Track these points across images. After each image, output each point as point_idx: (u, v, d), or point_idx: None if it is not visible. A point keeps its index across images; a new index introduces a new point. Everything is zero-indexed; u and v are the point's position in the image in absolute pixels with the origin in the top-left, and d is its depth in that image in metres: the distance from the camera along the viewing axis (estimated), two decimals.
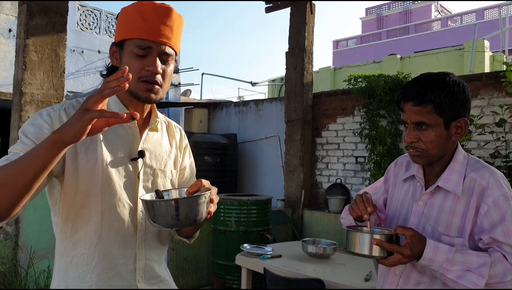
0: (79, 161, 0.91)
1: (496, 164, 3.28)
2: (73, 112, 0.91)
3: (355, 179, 4.54)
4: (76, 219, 0.93)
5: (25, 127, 0.89)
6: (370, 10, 23.04)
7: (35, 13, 3.03)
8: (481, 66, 8.14)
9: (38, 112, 0.93)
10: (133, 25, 0.92)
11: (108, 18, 7.11)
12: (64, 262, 0.95)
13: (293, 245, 2.90)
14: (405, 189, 1.21)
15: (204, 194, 0.88)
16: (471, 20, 17.38)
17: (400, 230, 1.02)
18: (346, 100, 4.64)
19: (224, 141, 5.34)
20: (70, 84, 6.35)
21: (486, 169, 1.10)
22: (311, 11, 4.78)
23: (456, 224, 1.08)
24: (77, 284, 0.93)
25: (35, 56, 3.04)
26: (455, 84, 1.08)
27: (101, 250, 0.94)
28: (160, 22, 0.92)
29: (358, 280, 2.11)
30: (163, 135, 1.08)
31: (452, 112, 1.07)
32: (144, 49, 0.92)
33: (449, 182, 1.10)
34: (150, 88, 0.94)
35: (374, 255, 1.02)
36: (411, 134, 1.09)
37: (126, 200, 0.96)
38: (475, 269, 0.99)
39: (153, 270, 1.01)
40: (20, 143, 0.87)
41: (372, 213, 1.09)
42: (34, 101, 3.03)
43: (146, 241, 1.00)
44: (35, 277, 2.92)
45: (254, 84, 9.15)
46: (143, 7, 0.92)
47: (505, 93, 3.46)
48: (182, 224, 0.87)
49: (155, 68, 0.93)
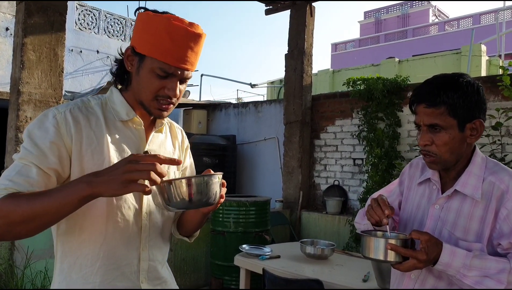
0: (85, 164, 0.90)
1: None
2: (78, 113, 0.92)
3: (353, 181, 4.55)
4: (82, 220, 0.92)
5: (32, 130, 0.89)
6: (369, 14, 23.18)
7: (33, 12, 3.02)
8: (478, 70, 8.20)
9: (44, 114, 0.91)
10: (161, 45, 0.89)
11: (107, 18, 7.10)
12: (67, 263, 0.94)
13: (291, 246, 2.91)
14: (420, 192, 1.18)
15: (217, 174, 0.88)
16: (468, 25, 17.52)
17: (415, 234, 0.99)
18: (344, 102, 4.66)
19: (223, 143, 5.34)
20: (68, 84, 6.33)
21: (506, 172, 1.07)
22: (311, 14, 4.80)
23: (474, 228, 1.05)
24: (80, 285, 0.93)
25: (33, 55, 3.03)
26: (468, 85, 1.05)
27: (106, 251, 0.93)
28: (188, 48, 0.91)
29: (356, 280, 2.11)
30: (167, 137, 1.08)
31: (466, 114, 1.04)
32: (166, 73, 0.91)
33: (467, 186, 1.07)
34: (164, 108, 0.95)
35: (389, 260, 1.00)
36: (424, 136, 1.07)
37: (132, 202, 0.96)
38: (493, 275, 0.97)
39: (156, 270, 1.02)
40: (27, 153, 0.86)
41: (390, 216, 1.06)
42: (32, 100, 3.02)
43: (150, 242, 1.00)
44: (32, 278, 2.90)
45: (253, 86, 9.16)
46: (175, 30, 0.89)
47: (502, 97, 3.49)
48: (196, 205, 0.86)
49: (174, 92, 0.93)
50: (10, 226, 0.78)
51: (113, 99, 0.98)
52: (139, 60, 0.93)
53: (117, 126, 0.96)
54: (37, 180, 0.84)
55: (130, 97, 0.98)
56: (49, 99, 3.10)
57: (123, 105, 0.98)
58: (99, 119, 0.94)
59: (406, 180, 1.26)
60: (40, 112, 3.05)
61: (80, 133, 0.90)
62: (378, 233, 1.09)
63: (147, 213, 0.98)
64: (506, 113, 3.32)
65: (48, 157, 0.86)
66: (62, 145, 0.88)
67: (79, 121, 0.91)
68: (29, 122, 3.00)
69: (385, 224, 1.06)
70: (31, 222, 0.78)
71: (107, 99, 0.99)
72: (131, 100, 0.98)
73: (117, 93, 0.99)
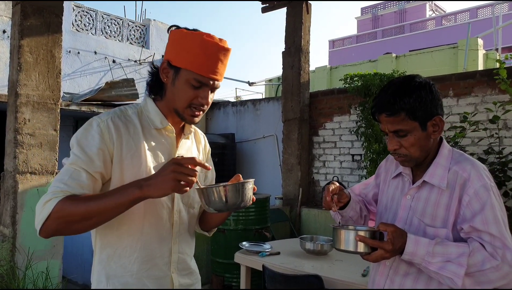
0: (125, 167, 1.02)
1: (490, 160, 3.32)
2: (118, 121, 1.04)
3: (352, 177, 4.57)
4: (122, 216, 1.00)
5: (79, 139, 1.00)
6: (366, 10, 23.14)
7: (30, 14, 3.01)
8: (474, 64, 8.21)
9: (88, 123, 1.03)
10: (196, 59, 1.00)
11: (104, 18, 7.09)
12: (106, 254, 1.06)
13: (291, 242, 2.92)
14: (394, 185, 1.26)
15: (250, 181, 1.01)
16: (465, 19, 17.50)
17: (382, 226, 1.06)
18: (342, 99, 4.67)
19: (222, 141, 5.35)
20: (67, 85, 6.33)
21: (468, 162, 1.13)
22: (307, 11, 4.81)
23: (440, 215, 1.11)
24: (119, 273, 1.04)
25: (30, 57, 3.03)
26: (421, 87, 1.11)
27: (142, 244, 1.05)
28: (219, 61, 1.02)
29: (356, 275, 2.13)
30: (193, 142, 1.21)
31: (425, 114, 1.10)
32: (200, 83, 1.03)
33: (434, 176, 1.14)
34: (197, 115, 1.06)
35: (359, 251, 1.06)
36: (392, 142, 1.15)
37: (165, 201, 1.08)
38: (454, 259, 1.02)
39: (185, 262, 1.14)
40: (77, 159, 0.98)
41: (335, 203, 1.19)
42: (30, 102, 3.02)
43: (179, 237, 1.12)
44: (33, 279, 2.91)
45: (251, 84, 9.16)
46: (209, 45, 1.00)
47: (498, 90, 3.50)
48: (232, 208, 0.98)
49: (207, 101, 1.05)
50: (69, 224, 0.91)
51: (147, 108, 1.10)
52: (175, 72, 1.04)
53: (152, 133, 1.08)
54: (87, 183, 0.96)
55: (163, 106, 1.09)
56: (47, 100, 3.10)
57: (157, 114, 1.09)
58: (136, 127, 1.06)
59: (382, 173, 1.35)
60: (38, 113, 3.05)
61: (120, 139, 1.02)
62: (349, 227, 1.15)
63: (178, 211, 1.11)
64: (503, 107, 3.34)
65: (94, 162, 0.98)
66: (106, 150, 1.00)
67: (119, 128, 1.03)
68: (27, 124, 3.01)
69: (334, 211, 1.18)
70: (87, 221, 0.91)
71: (142, 108, 1.10)
72: (164, 109, 1.09)
73: (151, 103, 1.10)
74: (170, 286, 1.09)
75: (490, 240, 1.03)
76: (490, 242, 1.03)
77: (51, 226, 0.91)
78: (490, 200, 1.05)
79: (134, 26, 7.42)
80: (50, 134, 3.10)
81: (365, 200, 1.39)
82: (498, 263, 1.00)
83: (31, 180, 3.00)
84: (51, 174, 3.09)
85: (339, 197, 1.24)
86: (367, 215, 1.36)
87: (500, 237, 1.02)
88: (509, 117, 3.46)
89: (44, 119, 3.07)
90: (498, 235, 1.02)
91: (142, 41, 7.51)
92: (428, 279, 1.10)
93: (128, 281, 1.04)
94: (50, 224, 0.91)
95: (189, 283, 1.16)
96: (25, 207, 2.97)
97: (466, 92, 3.79)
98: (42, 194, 3.08)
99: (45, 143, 3.07)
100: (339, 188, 1.24)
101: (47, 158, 3.07)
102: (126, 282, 1.04)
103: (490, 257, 1.01)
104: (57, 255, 3.10)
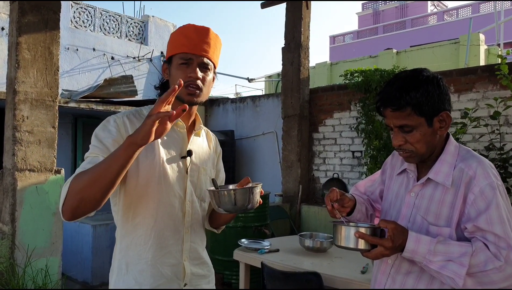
0: (140, 159, 1.08)
1: (491, 156, 3.30)
2: (133, 118, 1.13)
3: (352, 174, 4.56)
4: (136, 206, 1.10)
5: (97, 133, 1.10)
6: (367, 5, 23.00)
7: (27, 11, 3.00)
8: (476, 59, 8.15)
9: (106, 120, 1.13)
10: (178, 43, 1.12)
11: (103, 15, 7.05)
12: (125, 243, 1.13)
13: (290, 240, 2.92)
14: (399, 181, 1.23)
15: (258, 185, 1.07)
16: (467, 14, 17.40)
17: (383, 223, 1.04)
18: (342, 95, 4.64)
19: (222, 138, 5.33)
20: (66, 83, 6.31)
21: (474, 159, 1.10)
22: (306, 6, 4.77)
23: (444, 214, 1.08)
24: (136, 260, 1.12)
25: (28, 54, 3.01)
26: (428, 81, 1.08)
27: (156, 232, 1.12)
28: (199, 39, 1.12)
29: (355, 272, 2.12)
30: (204, 140, 1.29)
31: (432, 109, 1.07)
32: (186, 60, 1.11)
33: (439, 174, 1.11)
34: (192, 92, 1.12)
35: (360, 248, 1.05)
36: (397, 137, 1.11)
37: (178, 191, 1.15)
38: (456, 258, 0.99)
39: (197, 251, 1.20)
40: (95, 148, 1.07)
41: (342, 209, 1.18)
42: (28, 99, 3.01)
43: (192, 227, 1.18)
44: (33, 276, 2.92)
45: (251, 80, 9.13)
46: (186, 29, 1.13)
47: (500, 86, 3.47)
48: (240, 210, 1.04)
49: (195, 74, 1.11)
50: (81, 192, 0.95)
51: None
52: (169, 64, 1.16)
53: None
54: None
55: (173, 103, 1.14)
56: (45, 98, 3.09)
57: None
58: None
59: (388, 169, 1.31)
60: (36, 111, 3.04)
61: None
62: (350, 223, 1.14)
63: (190, 202, 1.18)
64: (505, 102, 3.31)
65: (110, 150, 1.04)
66: (122, 141, 1.03)
67: (134, 124, 1.11)
68: (25, 121, 3.00)
69: (338, 218, 1.16)
70: (95, 183, 0.94)
71: None
72: (174, 105, 1.14)
73: None
74: (182, 274, 1.15)
75: (495, 240, 1.00)
76: (494, 242, 1.00)
77: (69, 201, 0.96)
78: (496, 199, 1.02)
79: (132, 23, 7.39)
80: (49, 131, 3.09)
81: (370, 198, 1.36)
82: (501, 264, 0.97)
83: (30, 177, 2.99)
84: (49, 171, 3.08)
85: (341, 203, 1.20)
86: (373, 214, 1.33)
87: (505, 238, 0.99)
88: (510, 113, 3.43)
89: (42, 116, 3.06)
90: (503, 236, 0.99)
91: (141, 37, 7.48)
92: (430, 278, 1.08)
93: (144, 268, 1.11)
94: (68, 200, 0.96)
95: (202, 274, 1.21)
96: (24, 205, 2.97)
97: (467, 88, 3.76)
98: (41, 191, 3.09)
99: (44, 140, 3.06)
100: (339, 194, 1.21)
101: (45, 155, 3.06)
102: (142, 269, 1.11)
103: (493, 257, 0.98)
104: (57, 253, 3.11)
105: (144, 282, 1.11)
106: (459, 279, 0.98)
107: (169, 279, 1.13)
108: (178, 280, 1.15)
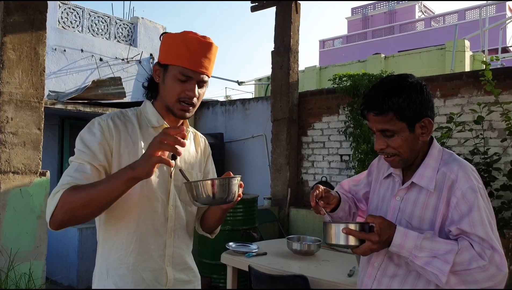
0: (122, 161, 1.07)
1: (475, 160, 3.37)
2: (118, 120, 1.11)
3: (340, 177, 4.59)
4: (118, 210, 1.08)
5: (82, 136, 1.08)
6: (356, 10, 23.30)
7: (13, 10, 2.95)
8: (461, 65, 8.33)
9: (91, 122, 1.11)
10: (179, 54, 1.08)
11: (91, 16, 6.98)
12: (107, 247, 1.12)
13: (278, 243, 2.92)
14: (385, 185, 1.25)
15: (236, 177, 1.04)
16: (453, 21, 17.77)
17: (370, 218, 1.05)
18: (331, 99, 4.68)
19: (211, 141, 5.31)
20: (52, 84, 6.20)
21: (456, 163, 1.12)
22: (296, 11, 4.81)
23: (428, 218, 1.10)
24: (116, 265, 1.10)
25: (13, 54, 2.96)
26: (412, 87, 1.09)
27: (138, 237, 1.10)
28: (202, 55, 1.09)
29: (342, 275, 2.13)
30: (191, 143, 1.26)
31: (413, 115, 1.08)
32: (186, 76, 1.08)
33: (423, 178, 1.13)
34: (186, 109, 1.11)
35: (349, 244, 1.06)
36: (378, 141, 1.13)
37: (160, 195, 1.13)
38: (441, 255, 1.00)
39: (181, 257, 1.18)
40: (81, 153, 1.05)
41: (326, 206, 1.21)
42: (13, 100, 2.96)
43: (175, 231, 1.16)
44: (16, 280, 2.85)
45: (241, 84, 9.13)
46: (190, 40, 1.08)
47: (484, 91, 3.55)
48: (218, 202, 1.01)
49: (193, 93, 1.10)
50: (73, 211, 0.96)
51: (146, 109, 1.18)
52: (164, 71, 1.11)
53: (149, 132, 1.14)
54: (91, 175, 1.02)
55: (160, 106, 1.16)
56: (30, 99, 3.04)
57: (154, 114, 1.16)
58: (134, 126, 1.13)
59: (374, 172, 1.32)
60: (21, 112, 2.99)
61: (119, 136, 1.09)
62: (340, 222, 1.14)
63: (173, 206, 1.15)
64: (488, 108, 3.39)
65: (97, 155, 1.05)
66: (106, 145, 1.07)
67: (118, 126, 1.10)
68: (10, 123, 2.94)
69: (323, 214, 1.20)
70: (89, 206, 0.95)
71: (141, 110, 1.18)
72: (160, 108, 1.16)
73: (149, 104, 1.18)
74: (164, 279, 1.13)
75: (479, 241, 1.02)
76: (478, 243, 1.02)
77: (59, 216, 0.96)
78: (477, 201, 1.04)
79: (121, 24, 7.33)
80: (34, 133, 3.04)
81: (355, 197, 1.38)
82: (485, 263, 0.98)
83: (13, 179, 2.93)
84: (34, 174, 3.03)
85: (326, 200, 1.22)
86: (356, 212, 1.34)
87: (487, 240, 1.01)
88: (494, 118, 3.51)
89: (27, 118, 3.01)
90: (485, 238, 1.01)
91: (130, 39, 7.42)
92: (414, 281, 1.09)
93: (125, 273, 1.09)
94: (57, 214, 0.96)
95: (186, 280, 1.18)
96: (8, 207, 2.90)
97: (453, 93, 3.84)
98: (25, 194, 3.03)
99: (29, 142, 3.01)
100: (324, 191, 1.23)
101: (30, 158, 3.01)
102: (123, 274, 1.09)
103: (478, 257, 0.99)
104: (41, 256, 3.05)
105: (124, 287, 1.09)
106: (442, 275, 0.99)
107: (151, 285, 1.11)
108: (160, 285, 1.12)
